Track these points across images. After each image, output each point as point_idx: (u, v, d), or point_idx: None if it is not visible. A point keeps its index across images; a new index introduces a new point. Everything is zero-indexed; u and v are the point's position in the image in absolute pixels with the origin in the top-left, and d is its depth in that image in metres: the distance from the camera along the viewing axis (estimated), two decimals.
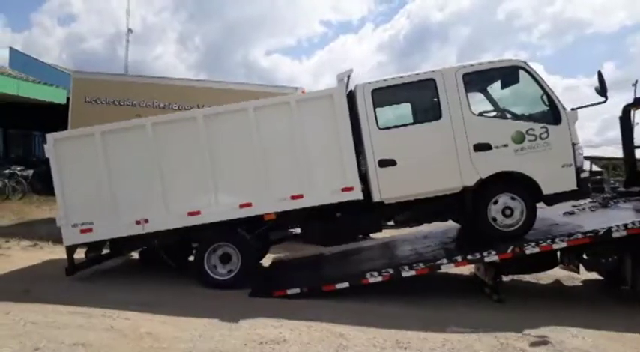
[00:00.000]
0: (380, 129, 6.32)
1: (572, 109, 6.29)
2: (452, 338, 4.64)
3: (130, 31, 28.50)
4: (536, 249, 5.82)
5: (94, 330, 4.59)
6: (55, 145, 6.64)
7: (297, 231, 7.14)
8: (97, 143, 6.54)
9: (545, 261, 6.35)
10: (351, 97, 6.46)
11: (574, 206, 7.36)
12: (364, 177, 6.39)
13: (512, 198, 6.19)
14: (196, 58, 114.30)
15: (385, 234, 8.19)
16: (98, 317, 4.97)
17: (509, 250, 5.84)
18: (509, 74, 6.59)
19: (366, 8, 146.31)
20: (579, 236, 5.80)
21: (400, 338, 4.63)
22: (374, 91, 6.37)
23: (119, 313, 5.08)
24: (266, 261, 7.99)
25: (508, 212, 6.18)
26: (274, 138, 6.43)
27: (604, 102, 6.23)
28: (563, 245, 5.84)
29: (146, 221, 6.47)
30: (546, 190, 6.16)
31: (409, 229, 7.94)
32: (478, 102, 6.66)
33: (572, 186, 6.17)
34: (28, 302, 5.36)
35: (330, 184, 6.33)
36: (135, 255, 8.12)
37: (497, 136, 6.17)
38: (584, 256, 6.10)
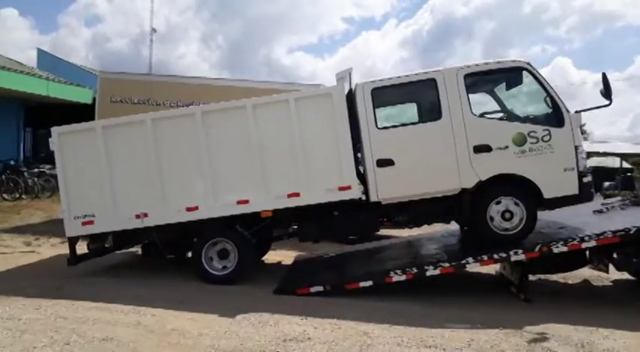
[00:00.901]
0: (379, 128, 6.29)
1: (576, 112, 6.17)
2: (478, 338, 4.58)
3: (153, 30, 28.94)
4: (565, 248, 5.71)
5: (122, 326, 4.67)
6: (59, 139, 6.79)
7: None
8: (99, 137, 6.67)
9: (574, 260, 6.23)
10: (352, 96, 6.43)
11: (604, 204, 7.21)
12: (362, 177, 6.36)
13: (512, 202, 6.08)
14: (219, 56, 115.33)
15: (409, 232, 8.13)
16: (126, 313, 5.05)
17: (536, 249, 5.74)
18: (512, 75, 6.49)
19: (388, 3, 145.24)
20: (609, 234, 5.66)
21: (425, 337, 4.59)
22: (374, 90, 6.33)
23: (146, 309, 5.15)
24: (288, 259, 8.02)
25: (507, 215, 6.07)
26: (272, 135, 6.46)
27: (609, 105, 6.09)
28: (593, 244, 5.71)
29: (145, 215, 6.56)
30: (547, 194, 6.04)
31: (433, 228, 7.87)
32: (479, 103, 6.55)
33: (573, 190, 6.04)
34: (59, 297, 5.47)
35: (326, 183, 6.32)
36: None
37: (498, 138, 6.07)
38: (615, 255, 5.96)
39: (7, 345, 4.12)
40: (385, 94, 6.45)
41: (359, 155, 6.44)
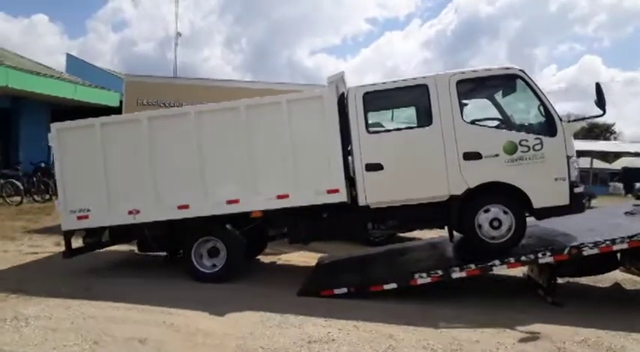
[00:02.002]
0: (369, 132, 6.29)
1: (569, 121, 6.11)
2: (506, 342, 4.51)
3: (178, 34, 29.31)
4: (595, 251, 5.57)
5: (149, 326, 4.73)
6: (57, 135, 6.95)
7: None
8: (97, 134, 6.80)
9: (605, 263, 6.08)
10: (344, 100, 6.44)
11: (636, 205, 7.02)
12: (352, 180, 6.36)
13: (501, 210, 6.02)
14: (242, 59, 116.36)
15: (433, 233, 8.06)
16: (152, 313, 5.12)
17: (565, 251, 5.61)
18: (505, 82, 6.42)
19: (412, 4, 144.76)
20: None
21: (451, 341, 4.54)
22: (365, 95, 6.33)
23: (172, 309, 5.21)
24: (311, 261, 8.02)
25: (496, 223, 6.00)
26: (264, 137, 6.49)
27: (602, 115, 6.02)
28: (624, 246, 5.55)
29: (138, 211, 6.68)
30: (537, 203, 5.96)
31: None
32: (471, 109, 6.47)
33: (564, 200, 5.95)
34: (87, 297, 5.57)
35: (315, 185, 6.32)
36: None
37: (489, 146, 6.00)
38: None
39: (39, 343, 4.22)
40: (377, 99, 6.46)
41: (350, 159, 6.43)
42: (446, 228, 6.62)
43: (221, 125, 6.60)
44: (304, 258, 8.29)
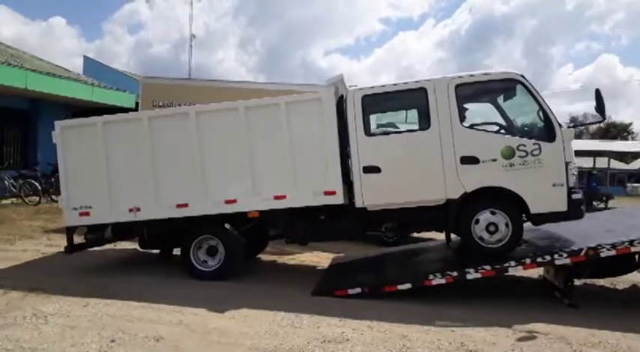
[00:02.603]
0: (367, 135, 6.29)
1: (568, 127, 6.06)
2: (521, 344, 4.48)
3: (193, 36, 29.50)
4: (613, 252, 5.50)
5: (165, 324, 4.78)
6: (61, 132, 7.06)
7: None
8: (99, 132, 6.90)
9: (623, 264, 6.01)
10: (343, 102, 6.45)
11: None
12: (350, 182, 6.37)
13: (497, 215, 6.00)
14: (256, 60, 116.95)
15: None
16: (168, 312, 5.17)
17: (582, 253, 5.56)
18: (504, 87, 6.42)
19: (426, 4, 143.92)
20: None
21: (466, 341, 4.52)
22: (364, 97, 6.35)
23: (187, 308, 5.26)
24: (325, 261, 8.03)
25: (492, 228, 5.99)
26: (263, 137, 6.54)
27: (602, 121, 5.97)
28: None
29: (138, 209, 6.76)
30: (534, 209, 5.93)
31: None
32: (469, 114, 6.41)
33: (562, 207, 5.90)
34: (105, 296, 5.64)
35: (312, 186, 6.36)
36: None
37: (486, 150, 5.99)
38: None
39: (57, 340, 4.29)
40: (375, 101, 6.47)
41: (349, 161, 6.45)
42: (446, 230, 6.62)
43: (220, 125, 6.66)
44: (318, 258, 8.31)
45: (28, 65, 15.70)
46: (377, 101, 6.50)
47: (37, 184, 13.96)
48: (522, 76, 6.14)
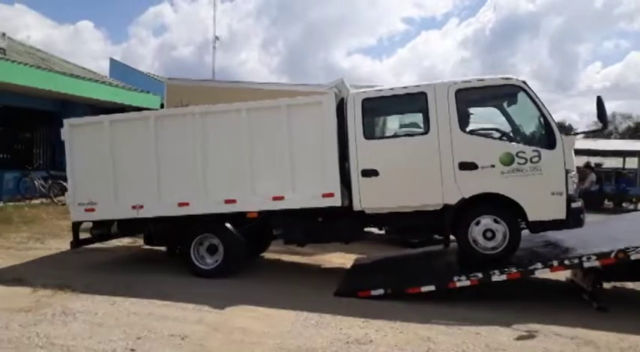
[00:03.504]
0: (366, 138, 6.29)
1: (569, 134, 5.96)
2: (550, 347, 4.40)
3: (216, 38, 29.70)
4: None
5: (189, 323, 4.83)
6: (69, 130, 7.28)
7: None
8: (106, 131, 7.07)
9: None
10: (343, 106, 6.46)
11: None
12: (349, 185, 6.36)
13: (495, 221, 5.94)
14: (278, 61, 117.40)
15: None
16: (192, 310, 5.23)
17: (612, 255, 5.42)
18: (505, 93, 6.34)
19: (450, 3, 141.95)
20: None
21: (491, 344, 4.46)
22: (364, 101, 6.35)
23: (212, 307, 5.31)
24: (347, 261, 8.01)
25: (489, 234, 5.92)
26: (263, 139, 6.60)
27: (603, 129, 5.84)
28: None
29: (141, 206, 6.91)
30: (532, 217, 5.85)
31: None
32: (469, 119, 6.36)
33: (560, 215, 5.80)
34: (130, 294, 5.73)
35: (311, 189, 6.40)
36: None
37: (485, 156, 5.93)
38: None
39: (86, 337, 4.38)
40: (375, 105, 6.49)
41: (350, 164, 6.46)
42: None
43: (223, 126, 6.76)
44: (341, 259, 8.29)
45: (56, 68, 16.07)
46: (377, 105, 6.54)
47: (65, 185, 14.23)
48: (524, 82, 6.08)
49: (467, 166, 5.98)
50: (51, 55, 19.07)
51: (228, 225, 6.69)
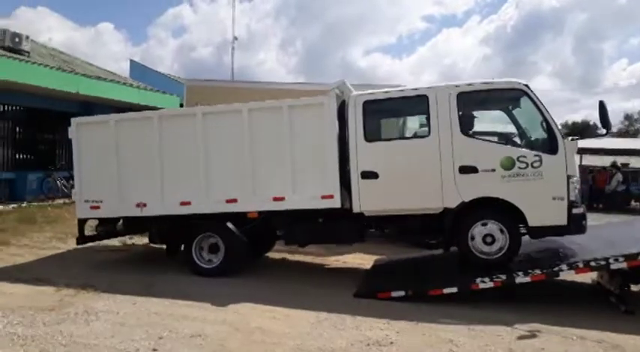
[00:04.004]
0: (367, 141, 6.26)
1: (571, 139, 5.86)
2: (574, 350, 4.30)
3: (235, 38, 29.86)
4: None
5: (209, 323, 4.85)
6: (77, 129, 7.44)
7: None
8: (111, 130, 7.20)
9: None
10: (345, 107, 6.46)
11: None
12: (349, 187, 6.34)
13: (495, 226, 5.88)
14: (296, 61, 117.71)
15: None
16: (212, 310, 5.25)
17: None
18: (507, 97, 6.29)
19: (472, 0, 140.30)
20: None
21: (514, 347, 4.38)
22: (366, 103, 6.32)
23: (231, 307, 5.34)
24: (367, 262, 7.96)
25: (489, 239, 5.86)
26: (264, 140, 6.63)
27: (605, 134, 5.79)
28: None
29: (144, 205, 7.02)
30: (532, 222, 5.78)
31: None
32: (470, 123, 6.28)
33: (561, 220, 5.72)
34: (151, 294, 5.78)
35: (311, 190, 6.44)
36: None
37: (485, 160, 5.88)
38: None
39: (108, 337, 4.41)
40: (376, 107, 6.47)
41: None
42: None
43: (225, 126, 6.82)
44: (360, 259, 8.25)
45: (79, 70, 16.31)
46: (378, 107, 6.53)
47: None
48: (526, 86, 6.01)
49: (467, 170, 5.95)
50: (74, 58, 19.37)
51: (229, 224, 6.75)
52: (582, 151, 23.16)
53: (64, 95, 14.57)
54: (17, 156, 15.14)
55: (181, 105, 12.61)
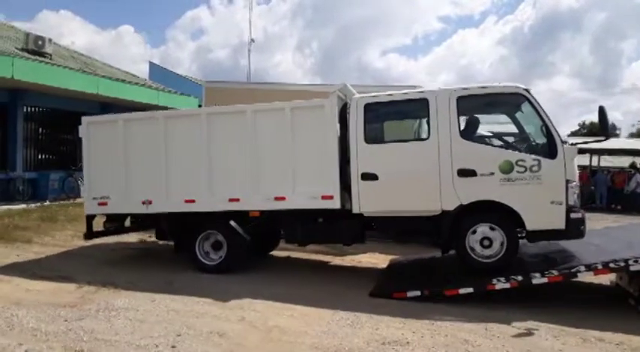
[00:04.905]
0: (367, 143, 6.30)
1: (571, 144, 5.83)
2: None
3: (252, 40, 30.08)
4: None
5: (228, 321, 4.91)
6: (87, 127, 7.62)
7: None
8: (119, 129, 7.40)
9: None
10: (346, 110, 6.52)
11: None
12: (349, 188, 6.39)
13: (493, 229, 5.88)
14: (312, 63, 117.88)
15: None
16: (230, 308, 5.31)
17: None
18: (507, 101, 6.29)
19: (488, 0, 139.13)
20: None
21: (532, 348, 4.35)
22: (367, 106, 6.39)
23: (249, 305, 5.40)
24: (382, 262, 7.97)
25: (487, 242, 5.85)
26: (267, 140, 6.75)
27: (604, 139, 5.76)
28: None
29: (150, 202, 7.17)
30: (530, 226, 5.76)
31: None
32: (469, 126, 6.26)
33: (559, 225, 5.69)
34: (170, 292, 5.87)
35: (311, 190, 6.49)
36: None
37: (484, 163, 5.87)
38: None
39: (128, 333, 4.50)
40: (377, 110, 6.53)
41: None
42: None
43: (229, 127, 6.94)
44: (375, 259, 8.27)
45: (100, 72, 16.59)
46: (379, 109, 6.58)
47: None
48: (527, 90, 5.99)
49: (466, 173, 5.96)
50: (94, 59, 19.68)
51: (232, 222, 6.87)
52: (600, 152, 22.89)
53: (84, 96, 14.84)
54: (40, 157, 15.47)
55: (199, 107, 12.73)
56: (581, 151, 11.45)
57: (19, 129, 14.29)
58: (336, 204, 6.43)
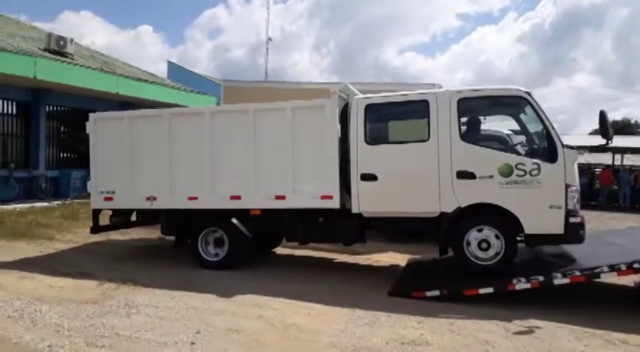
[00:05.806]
0: (367, 143, 6.29)
1: (572, 148, 5.74)
2: None
3: (269, 39, 30.18)
4: None
5: (245, 318, 4.93)
6: (94, 124, 7.78)
7: None
8: (126, 125, 7.56)
9: None
10: (347, 110, 6.53)
11: None
12: (349, 188, 6.39)
13: (491, 232, 5.85)
14: (329, 62, 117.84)
15: None
16: (248, 306, 5.33)
17: None
18: (508, 104, 6.25)
19: None
20: None
21: (553, 350, 4.28)
22: (367, 106, 6.39)
23: (266, 303, 5.41)
24: (400, 261, 7.93)
25: (485, 245, 5.83)
26: (268, 140, 6.80)
27: (606, 144, 5.67)
28: None
29: (154, 198, 7.30)
30: (528, 229, 5.72)
31: None
32: (469, 129, 6.22)
33: (558, 229, 5.63)
34: (188, 289, 5.92)
35: (311, 190, 6.55)
36: None
37: (483, 166, 5.84)
38: None
39: (148, 330, 4.55)
40: (378, 111, 6.55)
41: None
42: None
43: (232, 125, 7.01)
44: (394, 258, 8.23)
45: (119, 71, 16.81)
46: (379, 110, 6.60)
47: None
48: (528, 93, 5.93)
49: (465, 175, 5.94)
50: (114, 59, 19.95)
51: (234, 220, 6.95)
52: (623, 151, 22.45)
53: (105, 95, 15.07)
54: (62, 155, 15.74)
55: (218, 105, 12.83)
56: (603, 149, 11.26)
57: (42, 128, 14.57)
58: (335, 203, 6.47)
